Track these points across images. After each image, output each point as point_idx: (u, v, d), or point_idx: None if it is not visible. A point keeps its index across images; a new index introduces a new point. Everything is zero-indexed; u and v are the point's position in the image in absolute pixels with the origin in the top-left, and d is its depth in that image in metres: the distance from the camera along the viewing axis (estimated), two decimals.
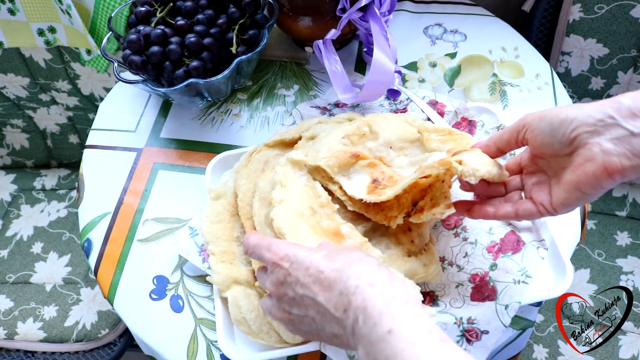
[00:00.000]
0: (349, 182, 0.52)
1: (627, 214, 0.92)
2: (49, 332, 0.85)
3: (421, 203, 0.49)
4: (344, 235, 0.49)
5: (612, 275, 0.85)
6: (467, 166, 0.42)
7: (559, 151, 0.39)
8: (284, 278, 0.39)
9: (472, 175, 0.42)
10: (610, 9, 0.81)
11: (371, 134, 0.56)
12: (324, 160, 0.52)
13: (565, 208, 0.40)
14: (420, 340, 0.30)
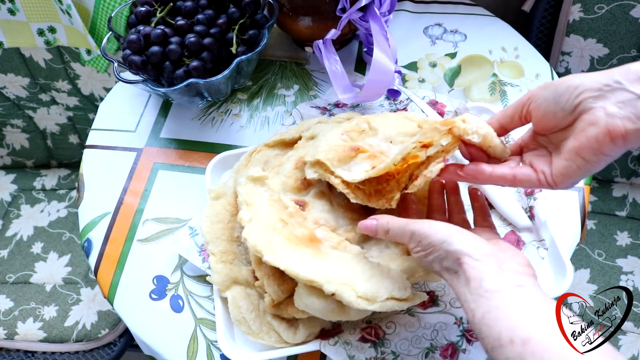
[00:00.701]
0: (349, 173, 0.50)
1: (627, 214, 0.92)
2: (49, 332, 0.85)
3: (416, 172, 0.47)
4: (320, 239, 0.49)
5: (612, 275, 0.85)
6: (470, 123, 0.41)
7: (562, 120, 0.38)
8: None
9: (475, 133, 0.40)
10: (610, 9, 0.81)
11: (370, 130, 0.55)
12: (323, 153, 0.51)
13: (565, 179, 0.38)
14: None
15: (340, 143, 0.52)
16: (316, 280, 0.45)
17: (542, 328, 0.32)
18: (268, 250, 0.47)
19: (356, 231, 0.54)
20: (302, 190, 0.56)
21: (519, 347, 0.31)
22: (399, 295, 0.47)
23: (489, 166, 0.42)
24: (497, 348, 0.33)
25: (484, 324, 0.34)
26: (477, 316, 0.35)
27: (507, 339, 0.32)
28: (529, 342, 0.31)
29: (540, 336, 0.31)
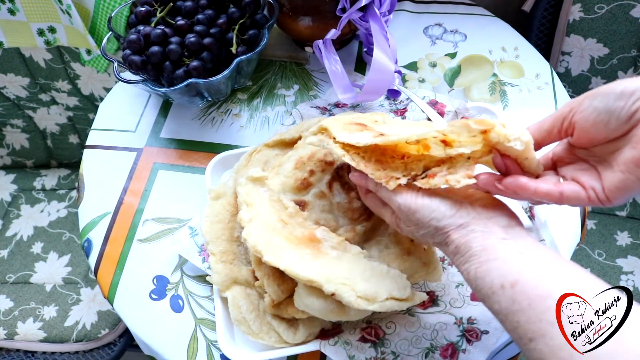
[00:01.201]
0: (351, 136, 0.45)
1: (627, 213, 0.92)
2: (49, 332, 0.85)
3: (435, 169, 0.41)
4: (320, 239, 0.49)
5: (612, 275, 0.85)
6: (512, 130, 0.36)
7: (614, 131, 0.35)
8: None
9: (518, 140, 0.36)
10: (610, 8, 0.81)
11: (383, 123, 0.51)
12: (327, 120, 0.47)
13: (621, 193, 0.35)
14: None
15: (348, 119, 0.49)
16: (316, 280, 0.45)
17: (527, 269, 0.34)
18: (268, 251, 0.47)
19: (356, 231, 0.54)
20: (302, 191, 0.56)
21: (509, 290, 0.34)
22: (398, 295, 0.47)
23: (531, 181, 0.38)
24: (490, 296, 0.35)
25: (478, 278, 0.36)
26: (471, 273, 0.37)
27: (498, 286, 0.35)
28: (517, 284, 0.34)
29: (526, 276, 0.34)
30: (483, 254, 0.37)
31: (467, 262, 0.38)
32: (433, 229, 0.40)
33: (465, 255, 0.38)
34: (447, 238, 0.39)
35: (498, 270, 0.35)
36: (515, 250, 0.36)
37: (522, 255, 0.36)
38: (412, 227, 0.42)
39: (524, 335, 0.33)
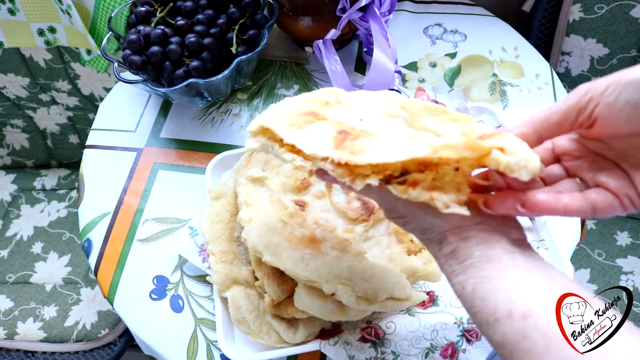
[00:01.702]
0: (303, 136, 0.36)
1: (627, 213, 0.92)
2: (49, 332, 0.85)
3: (417, 176, 0.33)
4: (320, 239, 0.49)
5: (612, 275, 0.85)
6: (515, 155, 0.29)
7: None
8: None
9: (524, 169, 0.29)
10: (610, 9, 0.81)
11: (337, 104, 0.42)
12: (269, 117, 0.38)
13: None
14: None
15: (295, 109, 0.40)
16: (316, 280, 0.45)
17: (543, 300, 0.28)
18: (268, 251, 0.47)
19: (356, 231, 0.54)
20: (301, 191, 0.56)
21: (518, 321, 0.28)
22: (398, 295, 0.47)
23: (557, 199, 0.31)
24: (492, 324, 0.29)
25: (476, 297, 0.30)
26: (468, 289, 0.30)
27: (504, 313, 0.28)
28: (531, 316, 0.27)
29: (542, 309, 0.27)
30: (487, 268, 0.30)
31: (463, 273, 0.31)
32: (428, 223, 0.34)
33: (464, 263, 0.31)
34: (443, 238, 0.33)
35: (505, 293, 0.29)
36: (526, 269, 0.30)
37: (534, 277, 0.29)
38: (397, 219, 0.36)
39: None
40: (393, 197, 0.34)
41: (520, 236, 0.33)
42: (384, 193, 0.34)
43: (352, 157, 0.32)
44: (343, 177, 0.34)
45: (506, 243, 0.31)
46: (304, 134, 0.36)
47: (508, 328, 0.28)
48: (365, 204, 0.55)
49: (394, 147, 0.33)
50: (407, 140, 0.34)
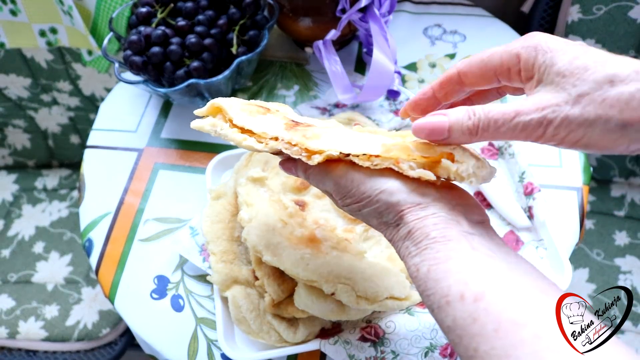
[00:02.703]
0: (254, 120, 0.36)
1: (626, 213, 0.93)
2: (51, 332, 0.85)
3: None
4: (320, 239, 0.49)
5: (611, 275, 0.85)
6: (465, 164, 0.30)
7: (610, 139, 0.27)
8: None
9: (474, 176, 0.31)
10: (608, 9, 0.81)
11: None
12: (220, 99, 0.38)
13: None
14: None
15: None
16: (316, 280, 0.46)
17: (499, 282, 0.27)
18: (268, 250, 0.47)
19: (356, 231, 0.54)
20: (302, 190, 0.56)
21: (470, 304, 0.27)
22: (398, 295, 0.48)
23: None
24: (444, 306, 0.28)
25: (430, 279, 0.29)
26: (422, 270, 0.29)
27: (456, 295, 0.27)
28: (483, 298, 0.26)
29: (496, 292, 0.26)
30: (442, 249, 0.29)
31: (419, 254, 0.30)
32: (383, 204, 0.32)
33: (419, 244, 0.30)
34: (400, 219, 0.31)
35: (458, 275, 0.28)
36: (484, 252, 0.29)
37: (492, 259, 0.29)
38: (352, 205, 0.34)
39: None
40: (349, 181, 0.33)
41: (481, 218, 0.32)
42: (340, 177, 0.34)
43: (305, 140, 0.33)
44: (298, 153, 0.34)
45: (466, 224, 0.31)
46: (255, 120, 0.36)
47: (459, 311, 0.27)
48: None
49: (347, 139, 0.34)
50: (360, 135, 0.35)
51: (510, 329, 0.25)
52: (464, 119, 0.30)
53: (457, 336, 0.27)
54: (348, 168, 0.33)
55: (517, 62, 0.30)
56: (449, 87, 0.34)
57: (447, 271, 0.28)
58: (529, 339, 0.24)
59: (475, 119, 0.30)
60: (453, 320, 0.27)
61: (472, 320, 0.26)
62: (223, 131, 0.36)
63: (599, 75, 0.26)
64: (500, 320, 0.25)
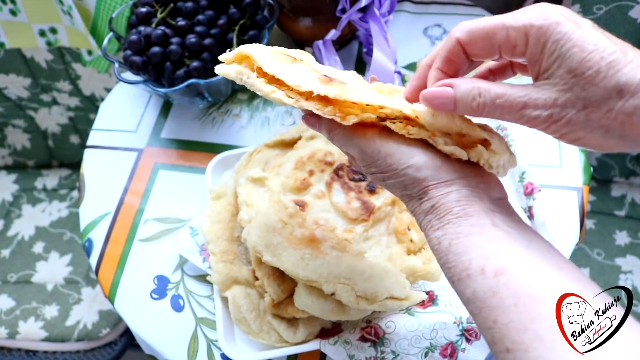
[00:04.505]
0: (285, 69, 0.34)
1: (626, 213, 0.93)
2: (50, 332, 0.85)
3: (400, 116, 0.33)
4: (320, 239, 0.49)
5: (611, 275, 0.85)
6: (497, 156, 0.31)
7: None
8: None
9: (502, 168, 0.32)
10: (609, 9, 0.81)
11: (308, 65, 0.39)
12: (247, 46, 0.36)
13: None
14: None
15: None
16: (316, 280, 0.46)
17: (519, 258, 0.28)
18: (268, 251, 0.47)
19: (356, 231, 0.54)
20: (301, 191, 0.56)
21: (490, 278, 0.27)
22: (398, 295, 0.48)
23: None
24: (464, 279, 0.29)
25: (451, 252, 0.30)
26: (444, 244, 0.30)
27: (477, 269, 0.28)
28: (504, 273, 0.27)
29: (516, 267, 0.27)
30: (464, 224, 0.30)
31: (441, 228, 0.31)
32: (409, 178, 0.32)
33: (442, 218, 0.31)
34: (425, 193, 0.32)
35: (481, 250, 0.29)
36: (504, 229, 0.30)
37: (512, 236, 0.29)
38: (377, 174, 0.34)
39: (499, 342, 0.27)
40: (376, 149, 0.33)
41: (501, 195, 0.33)
42: (367, 145, 0.33)
43: (343, 92, 0.31)
44: (332, 114, 0.32)
45: (487, 201, 0.31)
46: (285, 69, 0.33)
47: (479, 284, 0.28)
48: (365, 203, 0.55)
49: (383, 98, 0.32)
50: (396, 98, 0.33)
51: (529, 304, 0.26)
52: (470, 100, 0.30)
53: (477, 307, 0.28)
54: (377, 135, 0.33)
55: (525, 41, 0.29)
56: (456, 61, 0.33)
57: (468, 245, 0.29)
58: (546, 314, 0.25)
59: (481, 101, 0.30)
60: (473, 292, 0.28)
61: (491, 294, 0.27)
62: (250, 80, 0.34)
63: (609, 83, 0.26)
64: (520, 295, 0.26)
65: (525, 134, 0.66)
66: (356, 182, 0.57)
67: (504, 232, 0.29)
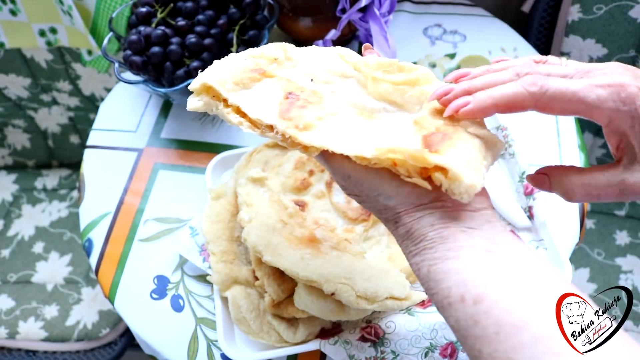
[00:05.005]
0: (249, 97, 0.35)
1: (626, 213, 0.93)
2: (50, 332, 0.85)
3: None
4: (320, 239, 0.49)
5: (612, 275, 0.85)
6: (457, 182, 0.28)
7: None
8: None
9: (465, 194, 0.29)
10: (609, 9, 0.81)
11: (287, 61, 0.40)
12: (213, 75, 0.36)
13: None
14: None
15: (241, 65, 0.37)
16: (316, 280, 0.46)
17: (497, 280, 0.27)
18: (268, 251, 0.47)
19: (355, 231, 0.54)
20: (301, 191, 0.56)
21: (470, 306, 0.27)
22: (398, 295, 0.48)
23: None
24: (446, 307, 0.28)
25: (431, 279, 0.29)
26: (423, 270, 0.30)
27: (457, 297, 0.27)
28: (483, 301, 0.26)
29: (496, 293, 0.26)
30: (440, 248, 0.29)
31: (418, 254, 0.30)
32: (381, 205, 0.32)
33: (418, 244, 0.30)
34: (398, 219, 0.31)
35: (458, 276, 0.28)
36: (482, 247, 0.28)
37: (491, 255, 0.28)
38: (353, 196, 0.34)
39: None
40: (345, 174, 0.32)
41: (482, 205, 0.31)
42: (337, 169, 0.33)
43: (297, 133, 0.32)
44: (294, 147, 0.33)
45: (465, 218, 0.30)
46: (249, 95, 0.34)
47: (461, 313, 0.27)
48: None
49: (343, 134, 0.32)
50: (358, 127, 0.32)
51: (510, 332, 0.25)
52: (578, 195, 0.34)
53: (462, 336, 0.28)
54: (346, 161, 0.32)
55: (607, 123, 0.31)
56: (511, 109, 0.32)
57: (446, 272, 0.28)
58: (528, 342, 0.25)
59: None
60: (456, 321, 0.28)
61: (473, 323, 0.26)
62: (219, 111, 0.35)
63: None
64: (501, 323, 0.26)
65: (526, 134, 0.66)
66: None
67: (483, 251, 0.28)
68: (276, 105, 0.34)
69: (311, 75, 0.38)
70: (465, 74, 0.34)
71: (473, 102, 0.31)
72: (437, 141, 0.30)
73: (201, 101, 0.36)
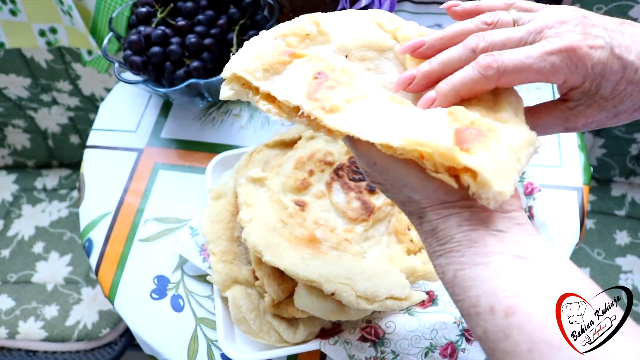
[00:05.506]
0: (280, 82, 0.34)
1: (626, 213, 0.93)
2: (50, 332, 0.85)
3: None
4: (320, 239, 0.49)
5: (612, 275, 0.85)
6: (485, 188, 0.27)
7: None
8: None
9: (493, 200, 0.27)
10: (608, 9, 0.81)
11: (320, 36, 0.38)
12: (242, 63, 0.34)
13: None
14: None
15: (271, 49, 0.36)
16: (316, 280, 0.46)
17: (531, 295, 0.25)
18: (268, 251, 0.47)
19: (356, 231, 0.54)
20: (301, 191, 0.56)
21: (501, 318, 0.25)
22: (398, 295, 0.48)
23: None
24: (473, 316, 0.26)
25: (457, 285, 0.27)
26: (448, 274, 0.28)
27: (486, 307, 0.25)
28: (515, 313, 0.24)
29: (529, 306, 0.24)
30: (468, 253, 0.27)
31: (444, 256, 0.28)
32: (405, 197, 0.31)
33: (444, 245, 0.28)
34: (423, 214, 0.30)
35: (487, 284, 0.26)
36: (513, 252, 0.27)
37: (524, 263, 0.26)
38: (377, 185, 0.33)
39: None
40: (371, 161, 0.31)
41: (512, 207, 0.30)
42: (363, 155, 0.31)
43: (323, 115, 0.30)
44: (318, 129, 0.31)
45: (495, 220, 0.28)
46: (280, 79, 0.34)
47: (490, 324, 0.25)
48: (365, 203, 0.55)
49: (371, 119, 0.30)
50: (388, 112, 0.31)
51: (544, 351, 0.24)
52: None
53: (489, 348, 0.26)
54: (372, 147, 0.30)
55: (561, 83, 0.32)
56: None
57: (475, 278, 0.26)
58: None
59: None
60: (484, 332, 0.26)
61: (504, 336, 0.25)
62: (250, 99, 0.35)
63: (636, 99, 0.33)
64: (535, 340, 0.24)
65: None
66: (356, 182, 0.57)
67: (514, 257, 0.26)
68: (304, 86, 0.32)
69: (345, 50, 0.37)
70: (420, 44, 0.34)
71: (438, 98, 0.32)
72: (470, 138, 0.28)
73: (232, 90, 0.35)
